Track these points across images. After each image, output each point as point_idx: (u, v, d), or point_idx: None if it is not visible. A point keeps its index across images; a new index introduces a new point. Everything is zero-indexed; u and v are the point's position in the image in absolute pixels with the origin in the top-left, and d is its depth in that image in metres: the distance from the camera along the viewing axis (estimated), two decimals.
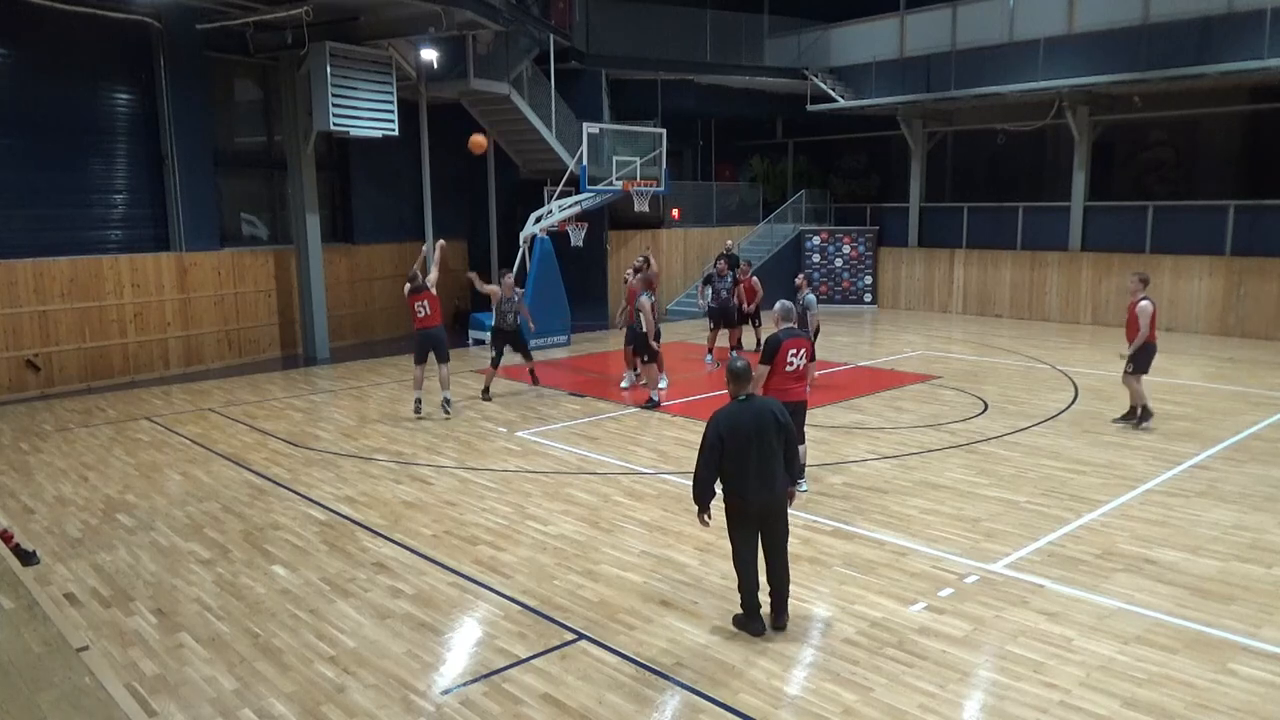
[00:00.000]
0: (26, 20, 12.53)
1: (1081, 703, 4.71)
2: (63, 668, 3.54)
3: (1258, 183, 18.45)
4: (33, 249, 12.80)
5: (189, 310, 14.68)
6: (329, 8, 13.57)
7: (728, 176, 25.94)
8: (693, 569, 6.50)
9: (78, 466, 9.30)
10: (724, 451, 5.32)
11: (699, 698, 4.81)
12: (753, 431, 5.34)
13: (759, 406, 5.47)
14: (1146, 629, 5.51)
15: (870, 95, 21.20)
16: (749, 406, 5.44)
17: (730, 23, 22.60)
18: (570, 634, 5.53)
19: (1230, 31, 16.23)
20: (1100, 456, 9.21)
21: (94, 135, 13.56)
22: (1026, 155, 22.52)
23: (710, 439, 5.35)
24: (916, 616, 5.70)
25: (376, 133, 14.94)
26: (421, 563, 6.69)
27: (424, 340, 11.22)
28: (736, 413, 5.41)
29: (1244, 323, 17.33)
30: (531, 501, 8.05)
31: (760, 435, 5.34)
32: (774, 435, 5.38)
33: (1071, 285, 19.71)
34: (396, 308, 18.91)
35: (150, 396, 12.83)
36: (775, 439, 5.38)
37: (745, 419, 5.38)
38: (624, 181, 16.93)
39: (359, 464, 9.32)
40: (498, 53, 17.20)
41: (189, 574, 6.52)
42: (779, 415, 5.44)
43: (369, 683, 4.98)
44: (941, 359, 15.19)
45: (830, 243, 23.06)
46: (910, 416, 11.04)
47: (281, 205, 16.65)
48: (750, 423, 5.37)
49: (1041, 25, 18.72)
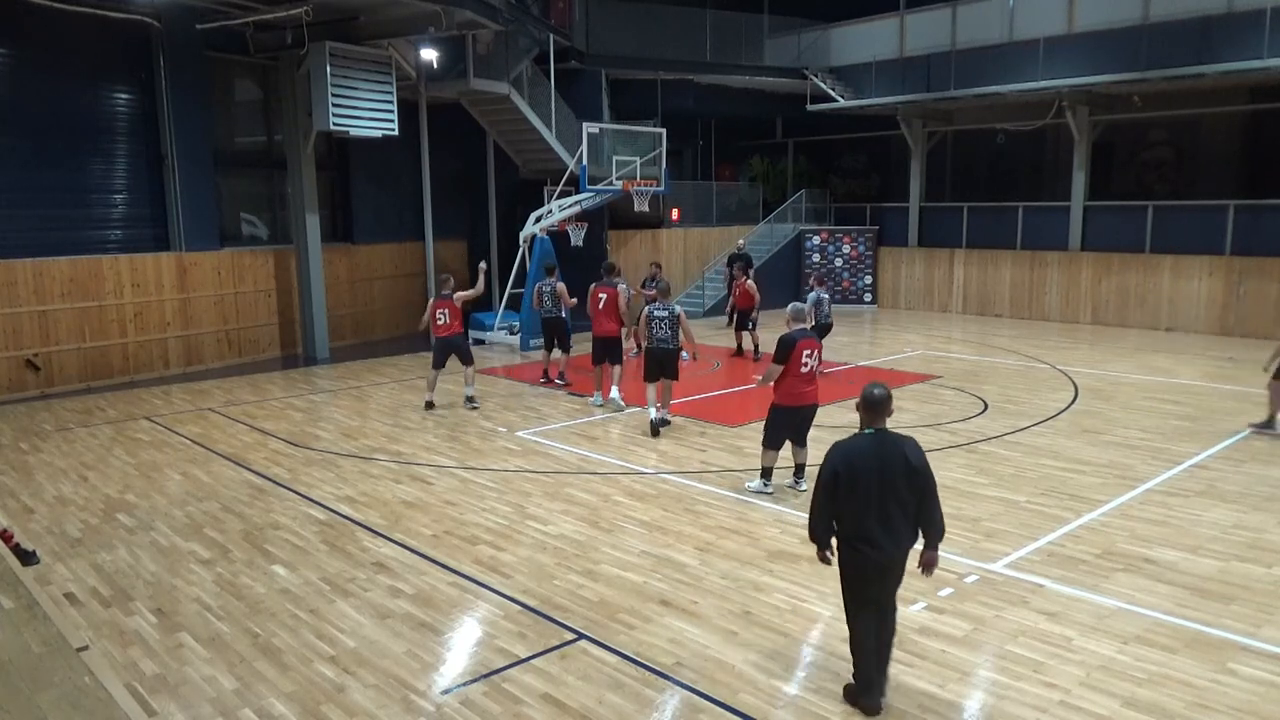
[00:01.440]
0: (26, 20, 12.53)
1: (1081, 702, 4.71)
2: (63, 668, 3.55)
3: (1258, 183, 18.46)
4: (33, 249, 12.79)
5: (189, 310, 14.68)
6: (329, 7, 13.57)
7: (728, 176, 25.94)
8: (693, 569, 6.50)
9: (78, 466, 9.30)
10: (838, 492, 4.55)
11: (699, 698, 4.81)
12: (875, 471, 4.50)
13: (889, 443, 4.56)
14: (1146, 629, 5.51)
15: (870, 95, 21.20)
16: (876, 441, 4.58)
17: (730, 23, 22.60)
18: (570, 634, 5.53)
19: (1230, 31, 16.23)
20: (1100, 456, 9.21)
21: (94, 135, 13.55)
22: (1026, 155, 22.53)
23: (824, 475, 4.60)
24: (916, 616, 5.70)
25: (376, 133, 14.93)
26: (421, 562, 6.69)
27: (443, 347, 11.59)
28: (858, 447, 4.58)
29: (1244, 323, 17.32)
30: (531, 501, 8.05)
31: (884, 476, 4.49)
32: (902, 480, 4.49)
33: (1071, 285, 19.71)
34: (396, 308, 18.94)
35: (150, 396, 12.83)
36: (904, 485, 4.49)
37: (867, 455, 4.54)
38: (624, 181, 16.92)
39: (359, 464, 9.32)
40: (497, 53, 17.19)
41: (189, 574, 6.52)
42: (912, 458, 4.51)
43: (369, 682, 4.99)
44: (941, 359, 15.19)
45: (830, 242, 23.06)
46: (910, 416, 11.04)
47: (281, 205, 16.65)
48: (872, 460, 4.52)
49: (1041, 25, 18.72)
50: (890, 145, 24.39)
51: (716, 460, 9.31)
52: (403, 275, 18.96)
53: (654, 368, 10.40)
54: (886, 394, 4.66)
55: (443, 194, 18.17)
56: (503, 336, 17.04)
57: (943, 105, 20.81)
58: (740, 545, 6.94)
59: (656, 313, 10.26)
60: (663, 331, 10.26)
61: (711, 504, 7.92)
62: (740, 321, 15.40)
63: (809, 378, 7.76)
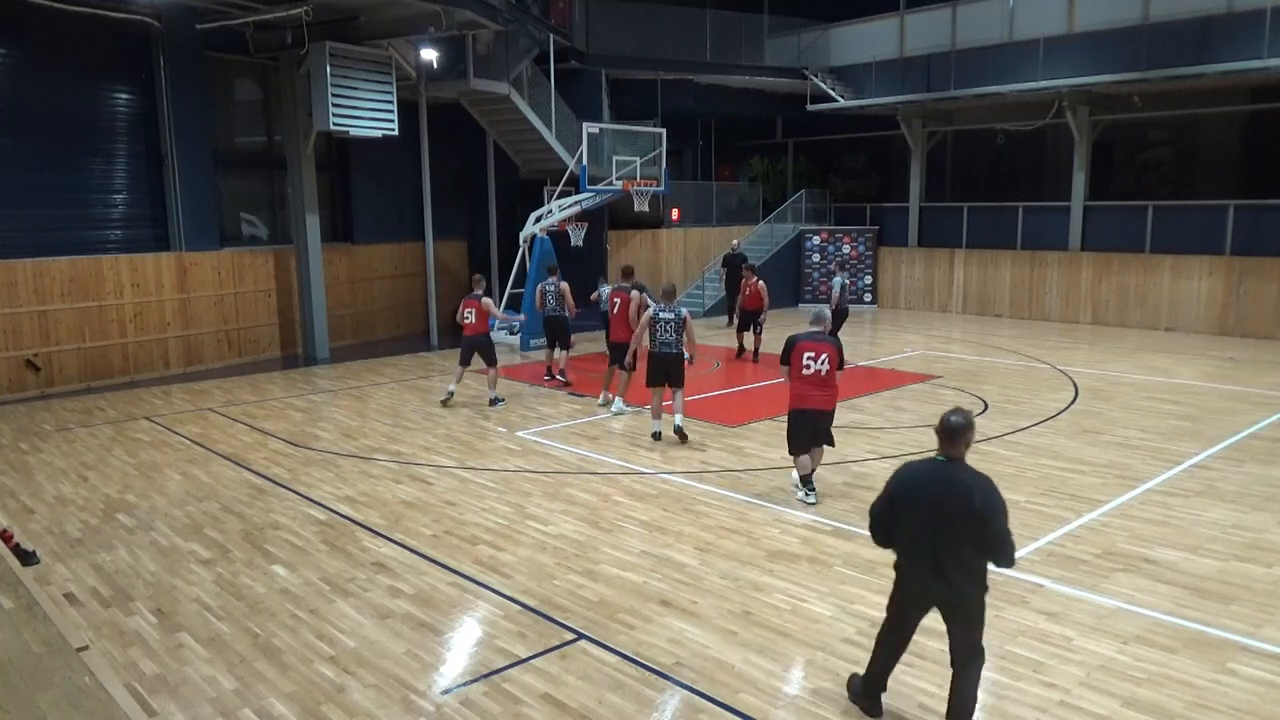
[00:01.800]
0: (26, 20, 12.53)
1: (1081, 702, 4.71)
2: (63, 668, 3.54)
3: (1258, 183, 18.46)
4: (33, 249, 12.79)
5: (189, 310, 14.68)
6: (329, 7, 13.57)
7: (728, 176, 25.94)
8: (693, 569, 6.50)
9: (77, 466, 9.30)
10: (894, 513, 4.34)
11: (699, 698, 4.81)
12: (931, 505, 4.17)
13: (957, 479, 4.15)
14: (1146, 629, 5.51)
15: (870, 95, 21.21)
16: (943, 472, 4.21)
17: (730, 23, 22.61)
18: (570, 634, 5.53)
19: (1230, 31, 16.24)
20: (1100, 456, 9.21)
21: (94, 135, 13.56)
22: (1026, 155, 22.53)
23: (879, 500, 4.40)
24: None
25: (376, 133, 14.93)
26: (421, 562, 6.69)
27: (467, 344, 11.91)
28: (921, 474, 4.29)
29: (1244, 323, 17.33)
30: (531, 501, 8.05)
31: (941, 513, 4.13)
32: (962, 522, 4.08)
33: (1072, 285, 19.71)
34: (396, 308, 18.96)
35: (150, 396, 12.83)
36: (963, 528, 4.09)
37: (929, 485, 4.21)
38: (624, 181, 16.93)
39: (359, 464, 9.32)
40: (497, 53, 17.20)
41: (189, 574, 6.52)
42: (978, 500, 4.05)
43: (369, 682, 4.98)
44: (941, 359, 15.19)
45: (830, 242, 23.06)
46: (910, 416, 11.04)
47: (281, 205, 16.66)
48: (934, 492, 4.18)
49: (1041, 25, 18.73)
50: (890, 145, 24.39)
51: (716, 460, 9.31)
52: (403, 275, 18.96)
53: (657, 373, 9.99)
54: (965, 422, 4.20)
55: (443, 194, 18.17)
56: (503, 336, 17.04)
57: (943, 105, 20.81)
58: (740, 545, 6.94)
59: (662, 315, 9.86)
60: (667, 335, 9.84)
61: (711, 504, 7.92)
62: (744, 322, 15.33)
63: (814, 381, 7.56)
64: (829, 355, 7.55)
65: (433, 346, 17.04)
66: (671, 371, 9.95)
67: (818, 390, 7.61)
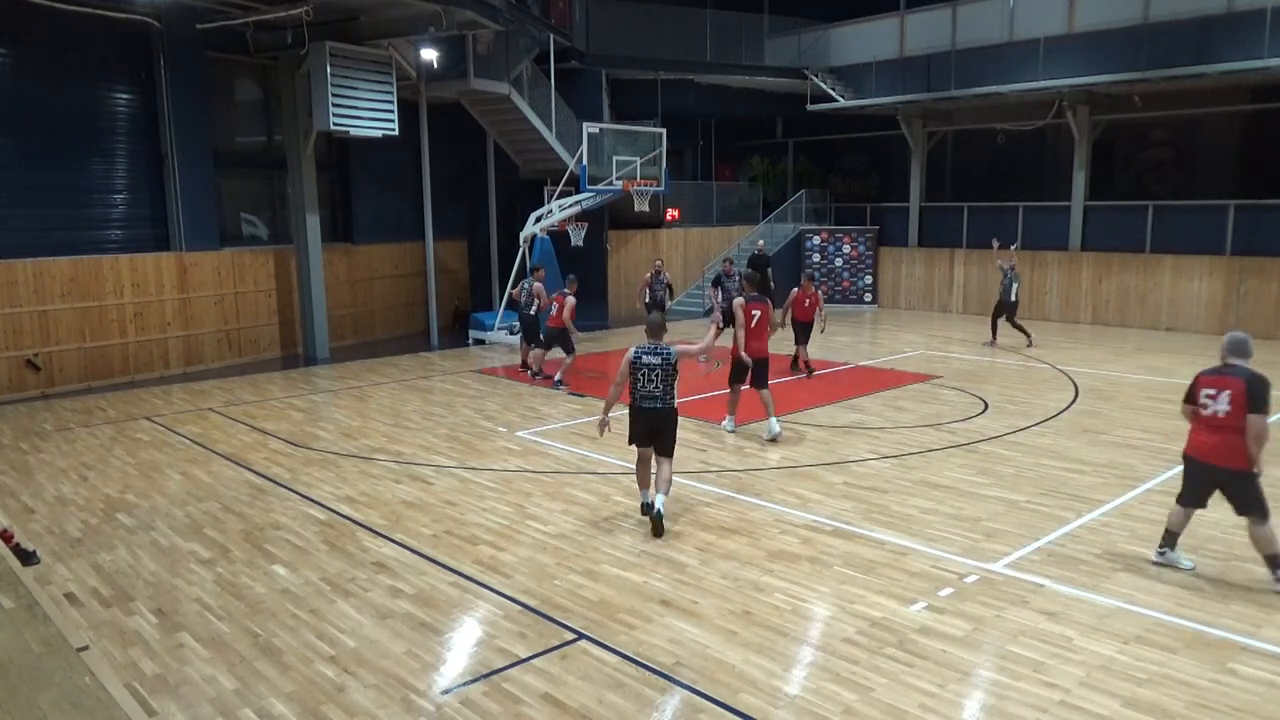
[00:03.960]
0: (26, 20, 12.53)
1: (1081, 702, 4.71)
2: (63, 668, 3.55)
3: (1258, 183, 18.44)
4: (33, 249, 12.79)
5: (189, 310, 14.68)
6: (329, 7, 13.57)
7: (728, 176, 25.94)
8: (693, 569, 6.50)
9: (78, 466, 9.30)
10: None
11: (699, 698, 4.81)
12: None
13: None
14: (1146, 628, 5.51)
15: (870, 95, 21.20)
16: None
17: (730, 23, 22.61)
18: (570, 634, 5.53)
19: (1230, 31, 16.24)
20: (1100, 456, 9.21)
21: (94, 135, 13.55)
22: (1026, 155, 22.52)
23: None
24: (916, 616, 5.70)
25: (376, 133, 14.93)
26: (421, 562, 6.69)
27: (550, 334, 13.35)
28: None
29: (1244, 323, 17.29)
30: (531, 501, 8.05)
31: None
32: None
33: (1072, 285, 19.71)
34: (396, 308, 18.95)
35: (150, 396, 12.83)
36: None
37: None
38: (624, 181, 16.92)
39: (359, 464, 9.32)
40: (498, 52, 17.19)
41: (189, 574, 6.52)
42: None
43: (369, 682, 4.98)
44: (941, 359, 15.19)
45: (830, 242, 23.06)
46: (910, 416, 11.05)
47: (281, 205, 16.65)
48: None
49: (1041, 25, 18.72)
50: (890, 145, 24.39)
51: (716, 460, 9.31)
52: (403, 275, 18.96)
53: (641, 433, 7.26)
54: None
55: (443, 194, 18.17)
56: (503, 336, 17.04)
57: (943, 105, 20.81)
58: (740, 545, 6.94)
59: (645, 358, 7.11)
60: (651, 385, 7.11)
61: (711, 504, 7.92)
62: (800, 335, 13.54)
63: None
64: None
65: (433, 346, 17.04)
66: (658, 433, 7.24)
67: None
